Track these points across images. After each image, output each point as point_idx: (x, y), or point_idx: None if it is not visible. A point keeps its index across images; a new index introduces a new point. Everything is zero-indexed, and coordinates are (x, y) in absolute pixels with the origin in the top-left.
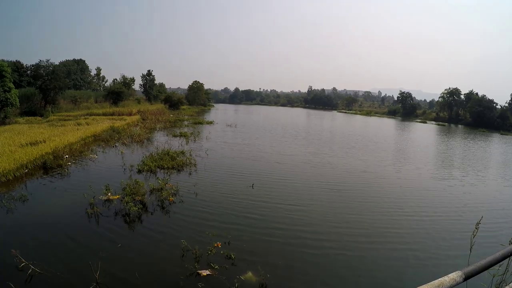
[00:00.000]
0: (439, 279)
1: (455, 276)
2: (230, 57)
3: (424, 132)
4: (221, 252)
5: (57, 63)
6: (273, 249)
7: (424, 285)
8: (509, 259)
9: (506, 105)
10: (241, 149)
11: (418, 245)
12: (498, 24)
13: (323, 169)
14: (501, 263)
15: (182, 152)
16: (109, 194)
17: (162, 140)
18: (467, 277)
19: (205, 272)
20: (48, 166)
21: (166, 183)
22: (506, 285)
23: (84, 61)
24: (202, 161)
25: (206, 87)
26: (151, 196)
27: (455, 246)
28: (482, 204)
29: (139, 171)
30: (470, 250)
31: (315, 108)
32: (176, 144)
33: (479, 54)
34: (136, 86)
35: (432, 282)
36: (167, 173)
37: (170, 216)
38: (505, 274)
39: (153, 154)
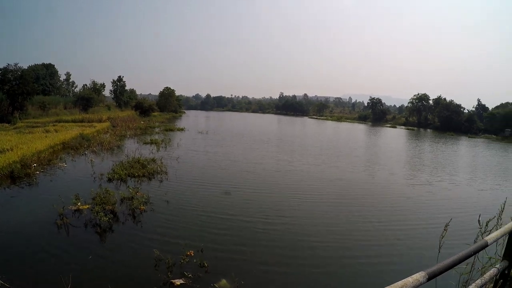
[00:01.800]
0: (403, 280)
1: (418, 276)
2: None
3: (394, 137)
4: (194, 260)
5: (26, 68)
6: (247, 256)
7: (387, 287)
8: (475, 258)
9: (473, 109)
10: (212, 156)
11: (388, 248)
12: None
13: (296, 177)
14: (468, 262)
15: (153, 160)
16: (79, 204)
17: (132, 148)
18: (431, 277)
19: (178, 281)
20: (15, 175)
21: (137, 192)
22: (473, 282)
23: (54, 65)
24: (173, 168)
25: (177, 93)
26: (121, 205)
27: (425, 247)
28: (453, 207)
29: (109, 180)
30: (439, 250)
31: (286, 114)
32: (147, 152)
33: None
34: (107, 92)
35: (395, 284)
36: (137, 181)
37: (142, 225)
38: (471, 272)
39: (123, 162)
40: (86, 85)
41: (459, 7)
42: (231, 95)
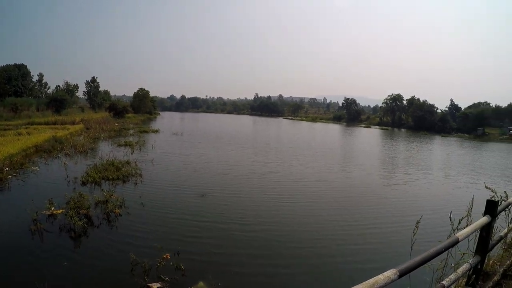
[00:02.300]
0: (374, 277)
1: (389, 274)
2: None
3: (369, 137)
4: (171, 263)
5: None
6: (224, 258)
7: (359, 285)
8: (448, 254)
9: (446, 109)
10: (187, 159)
11: (363, 247)
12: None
13: (272, 178)
14: (442, 258)
15: (128, 162)
16: (53, 208)
17: (106, 150)
18: (402, 274)
19: (155, 285)
20: None
21: (112, 195)
22: (447, 277)
23: (26, 66)
24: (148, 171)
25: (152, 94)
26: (96, 209)
27: (400, 245)
28: (427, 205)
29: (83, 183)
30: (411, 248)
31: (261, 115)
32: (121, 154)
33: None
34: (80, 93)
35: (367, 281)
36: (112, 184)
37: (117, 229)
38: (445, 268)
39: (97, 164)
40: (59, 86)
41: (433, 7)
42: (206, 96)
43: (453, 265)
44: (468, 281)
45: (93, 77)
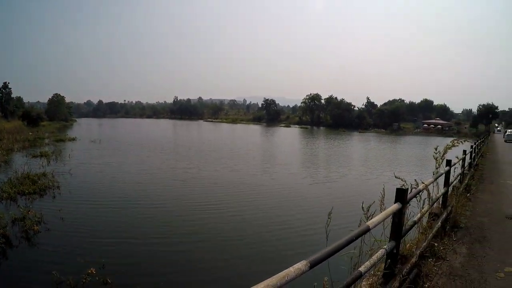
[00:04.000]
0: (285, 270)
1: (300, 265)
2: (93, 68)
3: (290, 136)
4: (97, 278)
5: None
6: (150, 268)
7: (270, 278)
8: (362, 242)
9: (363, 106)
10: (105, 168)
11: (277, 242)
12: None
13: (194, 185)
14: (357, 245)
15: (44, 174)
16: None
17: (21, 162)
18: (313, 265)
19: None
20: None
21: (29, 211)
22: (363, 264)
23: None
24: (66, 182)
25: (67, 100)
26: (13, 227)
27: (318, 238)
28: (345, 197)
29: None
30: (327, 239)
31: (181, 119)
32: (36, 166)
33: (339, 61)
34: None
35: (278, 274)
36: (29, 199)
37: (38, 247)
38: (360, 255)
39: (11, 178)
40: None
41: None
42: (125, 100)
43: (368, 251)
44: (386, 266)
45: (5, 83)
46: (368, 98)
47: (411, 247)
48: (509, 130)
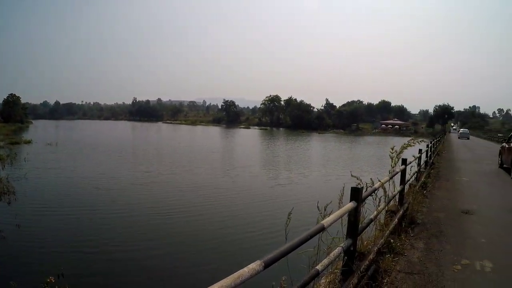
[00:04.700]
0: (239, 270)
1: (254, 265)
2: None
3: (250, 137)
4: (56, 287)
5: None
6: (110, 275)
7: (224, 279)
8: (319, 240)
9: (322, 108)
10: (62, 171)
11: (237, 245)
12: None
13: (155, 189)
14: (315, 244)
15: None
16: None
17: None
18: (268, 265)
19: None
20: None
21: None
22: (320, 263)
23: None
24: (22, 187)
25: (23, 100)
26: None
27: (277, 239)
28: (302, 197)
29: None
30: (286, 239)
31: (140, 120)
32: None
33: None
34: None
35: (232, 275)
36: None
37: None
38: (318, 254)
39: None
40: None
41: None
42: (82, 101)
43: (325, 249)
44: (344, 263)
45: None
46: (327, 100)
47: (369, 244)
48: (461, 129)
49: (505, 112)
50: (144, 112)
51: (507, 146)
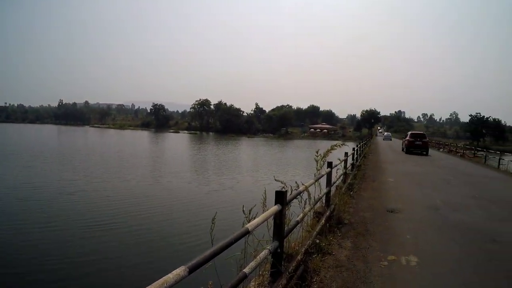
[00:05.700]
0: (164, 277)
1: (179, 271)
2: None
3: (179, 142)
4: None
5: None
6: None
7: (148, 286)
8: (246, 243)
9: (252, 112)
10: None
11: (165, 252)
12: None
13: (81, 199)
14: (242, 248)
15: None
16: None
17: None
18: (192, 270)
19: None
20: None
21: None
22: (247, 266)
23: None
24: None
25: None
26: None
27: (205, 245)
28: (232, 202)
29: None
30: (212, 244)
31: (66, 124)
32: None
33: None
34: None
35: (156, 281)
36: None
37: None
38: (246, 257)
39: None
40: None
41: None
42: (6, 103)
43: (252, 252)
44: (272, 265)
45: None
46: (257, 104)
47: (296, 246)
48: (386, 133)
49: (429, 116)
50: (71, 115)
51: (404, 140)
